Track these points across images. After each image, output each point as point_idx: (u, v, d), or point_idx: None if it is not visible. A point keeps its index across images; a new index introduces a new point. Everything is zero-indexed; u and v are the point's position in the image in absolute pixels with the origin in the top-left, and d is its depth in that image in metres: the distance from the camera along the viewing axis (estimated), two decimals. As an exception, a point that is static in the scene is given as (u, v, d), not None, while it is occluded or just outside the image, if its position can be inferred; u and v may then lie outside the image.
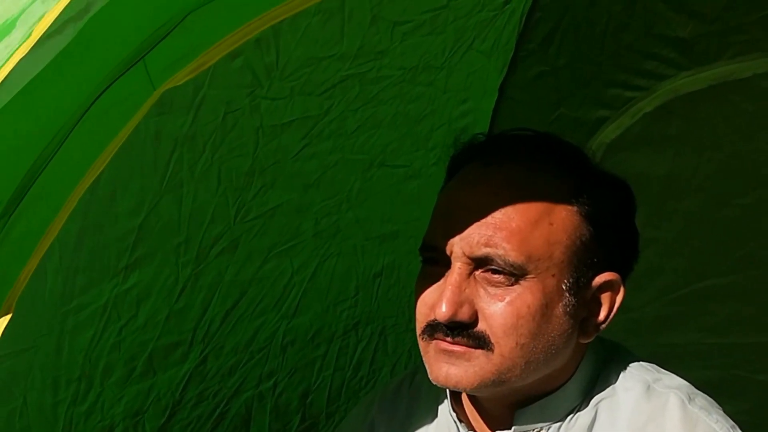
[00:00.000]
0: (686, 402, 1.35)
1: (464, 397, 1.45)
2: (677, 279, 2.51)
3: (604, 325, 1.38)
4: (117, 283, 1.80)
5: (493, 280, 1.30)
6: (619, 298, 1.39)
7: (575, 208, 1.33)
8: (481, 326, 1.31)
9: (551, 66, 2.36)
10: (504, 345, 1.31)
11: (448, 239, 1.31)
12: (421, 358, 1.38)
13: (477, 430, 1.43)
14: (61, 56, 1.11)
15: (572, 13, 2.30)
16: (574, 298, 1.33)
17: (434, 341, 1.33)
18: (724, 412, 1.38)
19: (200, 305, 1.99)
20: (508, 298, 1.30)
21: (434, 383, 1.37)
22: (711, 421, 1.33)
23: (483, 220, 1.30)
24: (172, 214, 1.83)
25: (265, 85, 1.78)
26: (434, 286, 1.34)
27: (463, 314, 1.30)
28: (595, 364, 1.41)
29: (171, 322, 1.95)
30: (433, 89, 2.11)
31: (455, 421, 1.46)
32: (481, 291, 1.31)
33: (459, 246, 1.30)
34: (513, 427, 1.39)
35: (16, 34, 1.08)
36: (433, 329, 1.33)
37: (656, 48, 2.28)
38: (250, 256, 2.02)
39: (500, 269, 1.29)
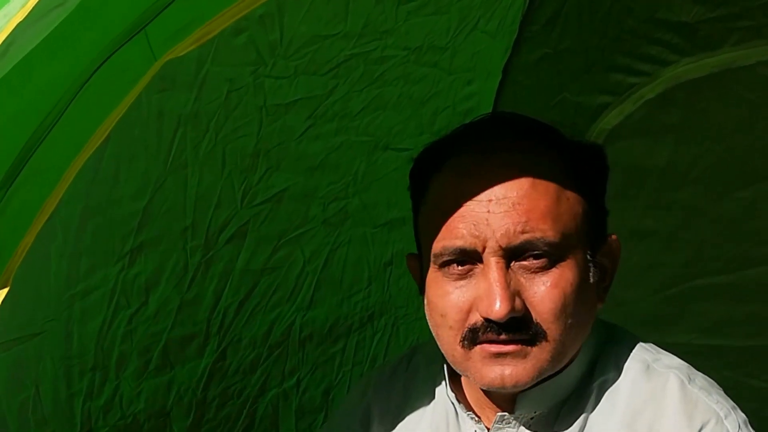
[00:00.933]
0: (686, 382, 1.28)
1: (463, 379, 1.35)
2: (672, 275, 2.42)
3: (609, 288, 1.32)
4: (122, 267, 1.73)
5: (533, 266, 1.21)
6: (618, 257, 1.33)
7: (574, 180, 1.26)
8: (533, 316, 1.21)
9: (554, 49, 2.27)
10: (555, 330, 1.22)
11: (479, 236, 1.20)
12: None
13: (477, 412, 1.34)
14: (61, 27, 1.04)
15: (576, -4, 2.22)
16: (595, 266, 1.27)
17: (479, 346, 1.22)
18: None
19: (212, 295, 1.91)
20: (552, 281, 1.21)
21: (484, 387, 1.26)
22: (711, 402, 1.26)
23: (511, 208, 1.20)
24: (178, 197, 1.75)
25: (269, 63, 1.70)
26: (462, 288, 1.23)
27: (518, 306, 1.20)
28: (596, 346, 1.33)
29: (183, 312, 1.87)
30: (437, 70, 2.03)
31: (453, 403, 1.37)
32: (522, 280, 1.21)
33: (494, 240, 1.19)
34: (516, 411, 1.30)
35: (15, 4, 1.02)
36: (477, 333, 1.21)
37: (660, 33, 2.19)
38: (259, 244, 1.94)
39: (541, 253, 1.20)
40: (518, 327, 1.21)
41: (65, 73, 1.12)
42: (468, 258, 1.22)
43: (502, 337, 1.21)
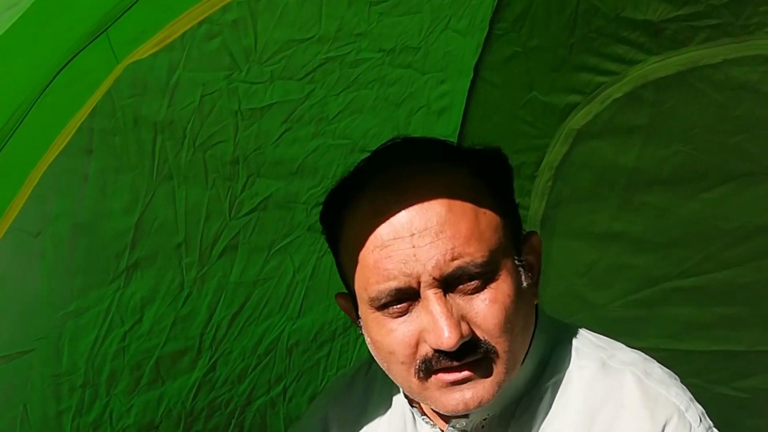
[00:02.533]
0: (643, 378, 1.18)
1: None
2: (641, 278, 2.30)
3: (538, 280, 1.23)
4: (119, 286, 1.61)
5: (468, 288, 1.11)
6: (540, 251, 1.23)
7: (486, 190, 1.15)
8: (480, 335, 1.11)
9: (523, 47, 2.15)
10: (504, 342, 1.12)
11: (411, 273, 1.09)
12: None
13: (431, 418, 1.24)
14: (17, 28, 0.92)
15: (544, -8, 2.09)
16: (524, 268, 1.17)
17: (435, 376, 1.12)
18: None
19: (207, 310, 1.79)
20: (490, 297, 1.12)
21: (449, 413, 1.16)
22: (671, 396, 1.17)
23: (435, 237, 1.09)
24: (168, 211, 1.63)
25: (244, 68, 1.58)
26: (404, 323, 1.12)
27: (465, 331, 1.10)
28: (546, 345, 1.23)
29: (177, 327, 1.75)
30: (411, 71, 1.92)
31: (411, 410, 1.27)
32: (462, 303, 1.11)
33: (426, 273, 1.09)
34: (470, 416, 1.19)
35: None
36: (430, 364, 1.11)
37: (626, 32, 2.08)
38: (251, 255, 1.82)
39: (473, 275, 1.10)
40: (469, 350, 1.10)
41: (26, 77, 1.01)
42: (405, 296, 1.11)
43: (455, 364, 1.10)
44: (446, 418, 1.23)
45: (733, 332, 2.29)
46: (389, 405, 1.33)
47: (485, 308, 1.11)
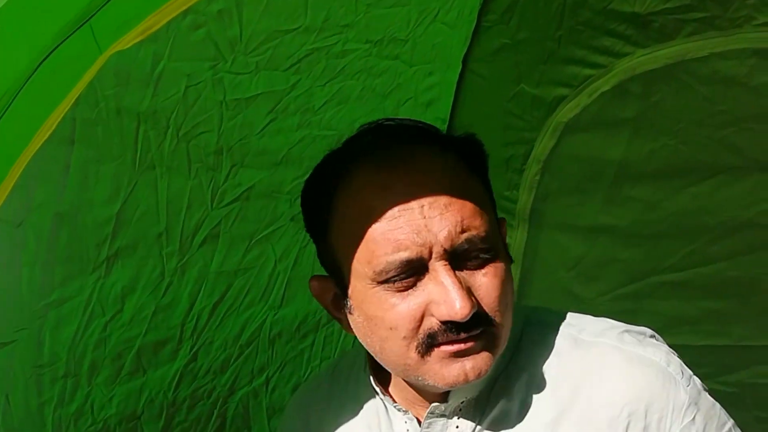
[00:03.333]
0: (619, 345, 1.20)
1: (394, 380, 1.27)
2: (629, 272, 2.30)
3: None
4: (100, 276, 1.60)
5: (472, 264, 1.13)
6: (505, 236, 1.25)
7: (475, 174, 1.18)
8: (483, 308, 1.13)
9: (512, 39, 2.13)
10: (500, 316, 1.15)
11: (423, 243, 1.10)
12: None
13: (405, 407, 1.25)
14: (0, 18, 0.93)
15: (532, -16, 2.09)
16: (505, 248, 1.19)
17: (437, 349, 1.13)
18: None
19: (187, 299, 1.78)
20: (490, 272, 1.13)
21: (446, 387, 1.16)
22: (647, 354, 1.19)
23: (445, 209, 1.11)
24: (150, 201, 1.62)
25: (229, 59, 1.57)
26: (408, 298, 1.12)
27: (474, 304, 1.11)
28: (517, 326, 1.24)
29: (158, 317, 1.74)
30: (399, 63, 1.90)
31: (382, 399, 1.28)
32: (465, 277, 1.12)
33: (438, 244, 1.10)
34: (449, 399, 1.21)
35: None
36: (434, 338, 1.12)
37: (613, 24, 2.07)
38: (232, 245, 1.81)
39: (478, 249, 1.12)
40: (472, 324, 1.11)
41: (8, 65, 1.01)
42: (412, 269, 1.11)
43: (462, 335, 1.12)
44: (422, 406, 1.24)
45: (721, 327, 2.30)
46: (358, 400, 1.33)
47: (487, 282, 1.13)
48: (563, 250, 2.36)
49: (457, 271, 1.12)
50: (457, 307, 1.09)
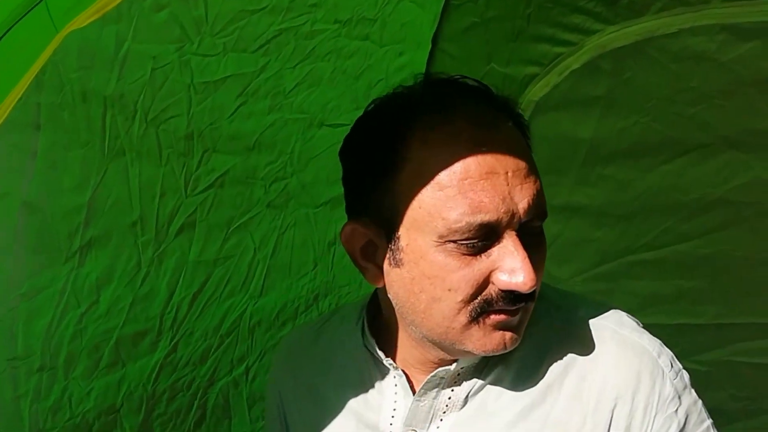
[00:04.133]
0: (617, 329, 1.19)
1: (401, 339, 1.22)
2: (603, 252, 2.27)
3: None
4: (73, 266, 1.54)
5: (531, 238, 1.10)
6: None
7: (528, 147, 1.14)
8: None
9: (481, 17, 2.07)
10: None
11: (506, 210, 1.06)
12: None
13: (403, 368, 1.22)
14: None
15: (500, -39, 2.03)
16: None
17: (488, 317, 1.10)
18: None
19: (166, 289, 1.73)
20: (541, 247, 1.12)
21: (484, 353, 1.13)
22: (643, 342, 1.18)
23: (524, 179, 1.08)
24: (121, 189, 1.56)
25: (195, 40, 1.52)
26: (473, 262, 1.08)
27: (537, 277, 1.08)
28: None
29: (136, 308, 1.69)
30: (369, 43, 1.85)
31: (372, 353, 1.25)
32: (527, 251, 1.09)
33: (518, 214, 1.06)
34: (453, 365, 1.18)
35: None
36: (488, 305, 1.09)
37: (582, 1, 2.02)
38: (210, 233, 1.75)
39: (539, 226, 1.11)
40: (526, 297, 1.12)
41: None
42: (485, 233, 1.07)
43: (513, 307, 1.11)
44: (419, 369, 1.21)
45: (694, 305, 2.28)
46: (345, 353, 1.29)
47: (538, 258, 1.11)
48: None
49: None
50: (525, 279, 1.07)
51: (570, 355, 1.19)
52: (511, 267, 1.07)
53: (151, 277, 1.70)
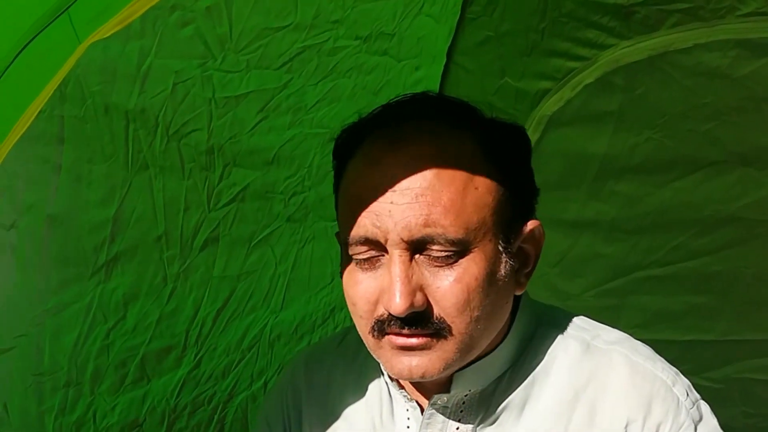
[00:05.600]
0: (630, 356, 1.11)
1: None
2: (613, 267, 2.21)
3: (531, 273, 1.12)
4: (99, 281, 1.50)
5: (435, 261, 1.01)
6: (542, 243, 1.13)
7: (489, 165, 1.05)
8: (435, 311, 1.02)
9: (495, 31, 2.03)
10: (460, 323, 1.03)
11: (381, 227, 1.01)
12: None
13: (408, 392, 1.15)
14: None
15: (514, -24, 1.98)
16: (509, 256, 1.07)
17: (387, 337, 1.04)
18: None
19: (192, 305, 1.69)
20: (455, 275, 1.02)
21: (395, 377, 1.08)
22: (657, 371, 1.10)
23: (414, 200, 1.00)
24: (146, 203, 1.52)
25: (219, 57, 1.47)
26: (370, 278, 1.04)
27: (418, 302, 1.01)
28: (529, 325, 1.14)
29: (162, 324, 1.64)
30: (388, 58, 1.80)
31: (386, 382, 1.18)
32: (426, 274, 1.02)
33: (395, 233, 1.00)
34: (452, 391, 1.11)
35: None
36: (383, 324, 1.03)
37: (596, 16, 1.97)
38: (233, 248, 1.71)
39: (443, 248, 1.01)
40: (420, 321, 1.03)
41: (-17, 58, 0.92)
42: (374, 247, 1.02)
43: (405, 330, 1.04)
44: (425, 396, 1.15)
45: (704, 322, 2.22)
46: (363, 379, 1.23)
47: (447, 286, 1.02)
48: (547, 246, 2.26)
49: (419, 262, 1.02)
50: (395, 302, 1.00)
51: (582, 384, 1.11)
52: (386, 287, 1.02)
53: (177, 293, 1.66)
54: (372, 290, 1.04)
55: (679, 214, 2.15)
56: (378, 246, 1.03)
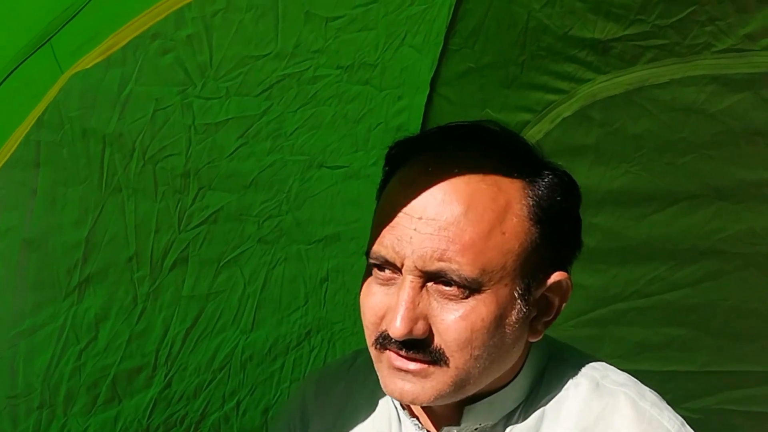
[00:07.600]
0: (637, 400, 1.12)
1: None
2: (593, 298, 2.23)
3: (551, 322, 1.13)
4: (72, 302, 1.52)
5: (446, 293, 1.03)
6: (567, 295, 1.13)
7: (525, 211, 1.06)
8: (436, 341, 1.04)
9: (477, 63, 2.05)
10: (459, 358, 1.05)
11: (399, 252, 1.03)
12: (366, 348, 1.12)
13: (421, 421, 1.17)
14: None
15: (496, 8, 1.99)
16: (526, 303, 1.07)
17: (387, 352, 1.07)
18: None
19: (161, 325, 1.70)
20: (461, 312, 1.04)
21: (387, 394, 1.10)
22: (663, 419, 1.11)
23: (436, 232, 1.02)
24: (118, 224, 1.54)
25: (198, 84, 1.49)
26: (383, 293, 1.07)
27: (418, 331, 1.03)
28: (541, 361, 1.16)
29: (133, 344, 1.66)
30: (369, 88, 1.83)
31: (396, 408, 1.20)
32: (434, 303, 1.04)
33: (411, 260, 1.03)
34: (462, 424, 1.13)
35: None
36: (386, 340, 1.06)
37: (574, 50, 2.00)
38: (202, 268, 1.73)
39: (454, 284, 1.03)
40: (419, 347, 1.06)
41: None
42: (391, 267, 1.05)
43: (403, 353, 1.07)
44: (437, 424, 1.17)
45: (684, 353, 2.24)
46: (373, 402, 1.25)
47: (451, 321, 1.05)
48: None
49: (430, 291, 1.05)
50: (395, 325, 1.04)
51: (588, 423, 1.13)
52: (391, 307, 1.06)
53: (147, 313, 1.67)
54: (381, 305, 1.08)
55: (657, 246, 2.17)
56: (393, 266, 1.06)
